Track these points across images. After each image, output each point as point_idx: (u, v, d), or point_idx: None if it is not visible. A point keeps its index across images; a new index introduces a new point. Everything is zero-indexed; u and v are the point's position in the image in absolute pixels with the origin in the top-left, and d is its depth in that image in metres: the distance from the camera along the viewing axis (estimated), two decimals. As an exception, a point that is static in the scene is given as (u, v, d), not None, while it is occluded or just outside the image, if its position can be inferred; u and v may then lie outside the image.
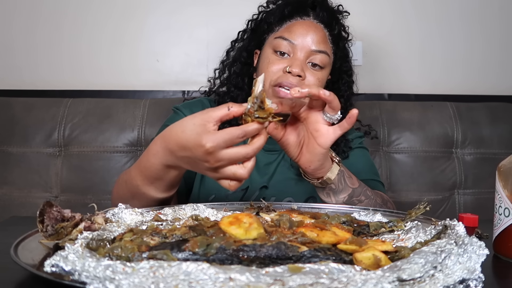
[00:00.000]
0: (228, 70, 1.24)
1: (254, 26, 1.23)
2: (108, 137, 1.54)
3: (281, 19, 1.14)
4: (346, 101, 1.22)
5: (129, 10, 1.75)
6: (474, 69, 1.84)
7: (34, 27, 1.73)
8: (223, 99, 1.20)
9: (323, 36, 1.12)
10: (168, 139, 0.76)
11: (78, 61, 1.75)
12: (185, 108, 1.19)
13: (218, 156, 0.68)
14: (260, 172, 1.17)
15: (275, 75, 1.08)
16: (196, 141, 0.69)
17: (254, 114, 0.68)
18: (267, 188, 1.16)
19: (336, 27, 1.15)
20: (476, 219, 0.89)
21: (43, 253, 0.60)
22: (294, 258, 0.55)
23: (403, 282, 0.48)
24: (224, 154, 0.69)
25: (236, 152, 0.69)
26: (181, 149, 0.73)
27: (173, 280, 0.47)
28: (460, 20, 1.82)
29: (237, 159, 0.70)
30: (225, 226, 0.61)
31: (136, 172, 0.87)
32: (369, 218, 0.79)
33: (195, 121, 0.70)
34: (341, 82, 1.21)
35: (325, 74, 1.12)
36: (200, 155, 0.69)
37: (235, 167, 0.70)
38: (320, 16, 1.13)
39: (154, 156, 0.80)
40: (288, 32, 1.10)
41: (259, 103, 0.68)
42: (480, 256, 0.52)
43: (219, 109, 0.70)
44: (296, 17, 1.13)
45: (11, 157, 1.52)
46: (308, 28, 1.10)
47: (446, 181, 1.61)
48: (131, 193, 0.89)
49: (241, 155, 0.69)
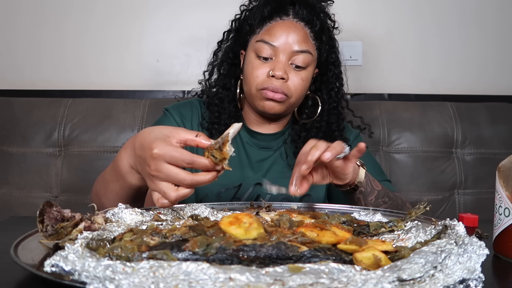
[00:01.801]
0: (218, 70, 1.25)
1: (237, 26, 1.23)
2: (108, 137, 1.54)
3: (261, 20, 1.14)
4: (336, 94, 1.21)
5: (130, 11, 1.75)
6: (472, 69, 1.84)
7: (36, 28, 1.74)
8: (212, 100, 1.21)
9: (304, 35, 1.11)
10: (136, 137, 0.78)
11: (78, 61, 1.75)
12: (174, 109, 1.20)
13: (159, 166, 0.69)
14: (254, 169, 1.18)
15: (260, 79, 1.10)
16: (150, 143, 0.70)
17: (212, 151, 0.68)
18: (261, 185, 1.16)
19: (318, 23, 1.13)
20: (476, 219, 0.89)
21: (43, 253, 0.61)
22: (294, 258, 0.55)
23: (403, 282, 0.48)
24: (164, 166, 0.69)
25: (175, 172, 0.68)
26: (139, 147, 0.74)
27: (173, 280, 0.47)
28: (459, 20, 1.82)
29: (174, 178, 0.69)
30: (225, 226, 0.61)
31: (109, 167, 0.90)
32: (369, 218, 0.80)
33: (164, 131, 0.72)
34: (329, 74, 1.21)
35: (309, 72, 1.13)
36: (146, 157, 0.71)
37: (169, 185, 0.69)
38: (299, 14, 1.12)
39: (124, 150, 0.83)
40: (268, 34, 1.11)
41: (220, 144, 0.68)
42: (480, 256, 0.52)
43: (188, 132, 0.71)
44: (276, 18, 1.12)
45: (11, 157, 1.52)
46: (288, 29, 1.10)
47: (446, 181, 1.61)
48: (104, 188, 0.92)
49: (178, 177, 0.68)
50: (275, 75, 1.08)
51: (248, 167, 1.18)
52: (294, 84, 1.10)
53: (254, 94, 1.11)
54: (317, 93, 1.22)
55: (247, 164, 1.18)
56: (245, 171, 1.17)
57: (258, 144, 1.20)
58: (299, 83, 1.11)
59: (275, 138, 1.21)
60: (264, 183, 1.08)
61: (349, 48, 1.74)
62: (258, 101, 1.12)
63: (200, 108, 1.22)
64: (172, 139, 0.70)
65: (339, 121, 1.21)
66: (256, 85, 1.10)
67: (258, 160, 1.19)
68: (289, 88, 1.10)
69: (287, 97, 1.10)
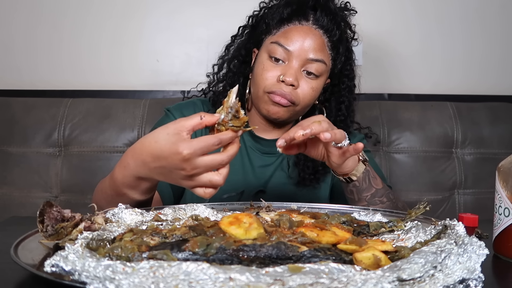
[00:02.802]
0: (227, 65, 1.21)
1: (254, 23, 1.20)
2: (108, 137, 1.54)
3: (280, 21, 1.11)
4: (347, 108, 1.19)
5: (129, 10, 1.75)
6: (474, 69, 1.84)
7: (34, 27, 1.73)
8: (218, 98, 1.18)
9: (321, 44, 1.08)
10: (140, 151, 0.76)
11: (78, 61, 1.75)
12: (176, 110, 1.18)
13: (195, 163, 0.69)
14: (256, 175, 1.16)
15: (269, 82, 1.07)
16: (172, 149, 0.69)
17: (228, 123, 0.70)
18: (264, 192, 1.15)
19: (337, 33, 1.10)
20: (476, 219, 0.89)
21: (43, 253, 0.61)
22: (294, 258, 0.55)
23: (403, 282, 0.48)
24: (200, 161, 0.70)
25: (212, 159, 0.70)
26: (155, 159, 0.73)
27: (173, 280, 0.47)
28: (460, 20, 1.82)
29: (213, 166, 0.71)
30: (225, 226, 0.61)
31: (110, 183, 0.87)
32: (369, 218, 0.79)
33: (168, 131, 0.71)
34: (341, 86, 1.19)
35: (320, 82, 1.10)
36: (176, 163, 0.70)
37: (211, 174, 0.72)
38: (320, 21, 1.09)
39: (125, 168, 0.80)
40: (284, 38, 1.08)
41: (234, 113, 0.71)
42: (480, 256, 0.52)
43: (191, 119, 0.71)
44: (295, 21, 1.09)
45: (11, 157, 1.52)
46: (305, 35, 1.07)
47: (446, 181, 1.61)
48: (106, 201, 0.88)
49: (216, 162, 0.71)
50: (285, 81, 1.05)
51: (250, 173, 1.16)
52: (304, 92, 1.07)
53: (260, 96, 1.09)
54: (325, 104, 1.19)
55: (250, 171, 1.17)
56: (247, 178, 1.15)
57: (261, 149, 1.18)
58: (308, 92, 1.08)
59: None
60: None
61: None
62: (263, 104, 1.09)
63: (202, 108, 1.20)
64: (182, 133, 0.70)
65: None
66: (264, 87, 1.07)
67: (261, 165, 1.17)
68: (297, 96, 1.07)
69: (294, 104, 1.07)
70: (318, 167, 1.16)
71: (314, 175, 1.17)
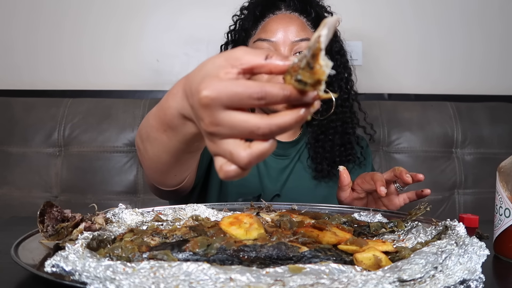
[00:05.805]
0: None
1: (234, 37, 1.20)
2: (108, 137, 1.54)
3: (255, 21, 1.11)
4: (346, 84, 1.19)
5: (130, 11, 1.75)
6: (474, 69, 1.84)
7: (34, 27, 1.73)
8: None
9: (301, 24, 1.09)
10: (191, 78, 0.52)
11: (78, 61, 1.75)
12: None
13: (215, 115, 0.45)
14: (272, 180, 1.14)
15: (264, 78, 1.06)
16: (196, 85, 0.47)
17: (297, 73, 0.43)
18: (279, 196, 1.13)
19: (312, 11, 1.10)
20: (477, 219, 0.89)
21: (44, 253, 0.60)
22: (295, 258, 0.55)
23: (403, 283, 0.48)
24: (223, 115, 0.45)
25: (241, 120, 0.44)
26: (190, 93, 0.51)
27: (173, 280, 0.47)
28: (460, 20, 1.82)
29: (241, 130, 0.45)
30: (226, 227, 0.61)
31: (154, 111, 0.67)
32: (369, 218, 0.79)
33: (217, 61, 0.48)
34: (336, 64, 1.18)
35: None
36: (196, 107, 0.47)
37: (236, 142, 0.45)
38: (291, 5, 1.10)
39: (173, 97, 0.58)
40: (264, 32, 1.08)
41: (309, 59, 0.42)
42: (480, 257, 0.52)
43: (254, 54, 0.47)
44: (269, 14, 1.10)
45: (11, 157, 1.52)
46: (283, 21, 1.07)
47: (446, 181, 1.61)
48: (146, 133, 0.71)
49: (247, 124, 0.44)
50: None
51: (266, 177, 1.14)
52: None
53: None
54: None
55: (265, 174, 1.15)
56: (264, 181, 1.14)
57: (275, 152, 1.16)
58: None
59: (291, 145, 1.18)
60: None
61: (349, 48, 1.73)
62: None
63: None
64: (230, 70, 0.46)
65: (353, 119, 1.19)
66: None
67: (276, 169, 1.16)
68: None
69: None
70: (335, 158, 1.17)
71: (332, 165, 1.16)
